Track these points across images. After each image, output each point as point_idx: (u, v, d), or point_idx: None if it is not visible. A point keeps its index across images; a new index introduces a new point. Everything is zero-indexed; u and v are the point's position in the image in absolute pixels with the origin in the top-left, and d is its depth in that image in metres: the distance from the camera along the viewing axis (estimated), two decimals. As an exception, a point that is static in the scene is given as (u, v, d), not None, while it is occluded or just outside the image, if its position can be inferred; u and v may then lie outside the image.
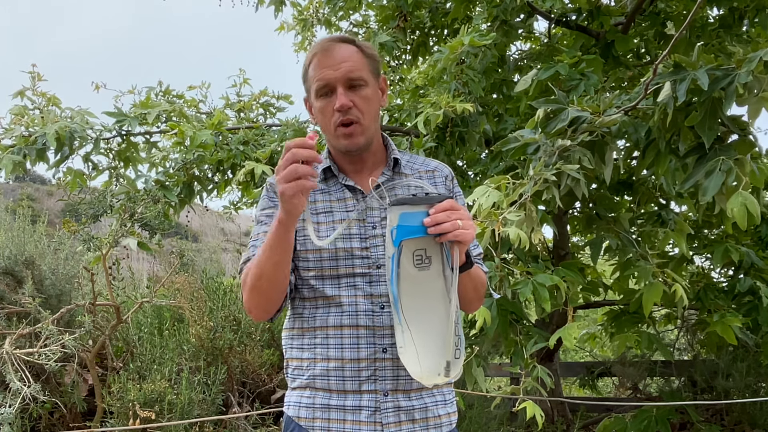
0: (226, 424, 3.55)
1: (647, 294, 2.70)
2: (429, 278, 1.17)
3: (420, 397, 1.29)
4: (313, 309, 1.32)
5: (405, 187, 1.36)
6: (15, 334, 3.18)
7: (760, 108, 2.28)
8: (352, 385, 1.27)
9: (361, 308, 1.28)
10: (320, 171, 1.37)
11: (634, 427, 3.45)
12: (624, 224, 3.10)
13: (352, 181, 1.36)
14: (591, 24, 3.88)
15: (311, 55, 1.33)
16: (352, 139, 1.31)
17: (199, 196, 3.76)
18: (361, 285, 1.29)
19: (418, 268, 1.16)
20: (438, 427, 1.30)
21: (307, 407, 1.30)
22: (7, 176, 3.14)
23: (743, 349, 3.89)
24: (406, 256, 1.15)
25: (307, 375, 1.31)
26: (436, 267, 1.17)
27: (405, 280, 1.16)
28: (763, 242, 3.66)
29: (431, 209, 1.13)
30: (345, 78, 1.28)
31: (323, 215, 1.34)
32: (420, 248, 1.16)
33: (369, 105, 1.31)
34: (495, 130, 3.64)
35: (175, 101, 3.84)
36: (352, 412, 1.26)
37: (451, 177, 1.44)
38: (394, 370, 1.26)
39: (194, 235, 16.64)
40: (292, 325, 1.37)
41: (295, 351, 1.35)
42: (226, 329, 3.79)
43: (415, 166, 1.43)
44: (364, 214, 1.32)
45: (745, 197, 2.16)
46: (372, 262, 1.30)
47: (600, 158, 2.59)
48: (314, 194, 1.36)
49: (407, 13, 4.15)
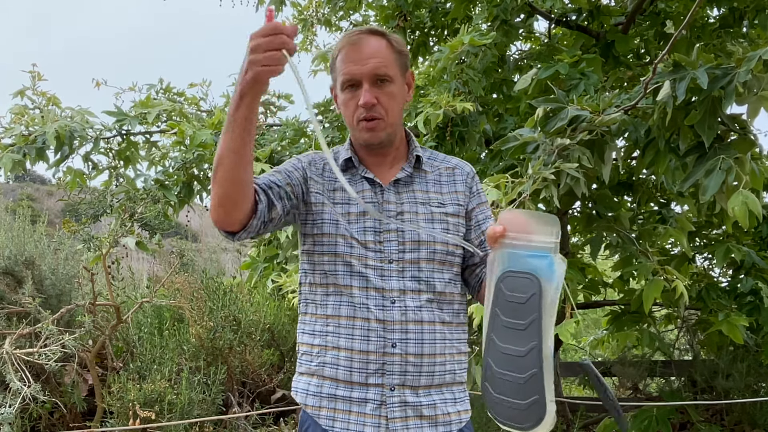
0: (226, 424, 3.55)
1: (647, 291, 2.69)
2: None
3: (428, 394, 1.28)
4: (325, 296, 1.32)
5: (423, 183, 1.37)
6: (15, 334, 3.17)
7: (759, 107, 2.28)
8: (359, 377, 1.26)
9: (372, 301, 1.28)
10: (341, 161, 1.38)
11: (635, 427, 3.45)
12: (624, 223, 3.10)
13: (372, 174, 1.36)
14: (591, 24, 3.88)
15: (340, 46, 1.34)
16: (373, 133, 1.32)
17: (199, 195, 3.75)
18: (372, 278, 1.29)
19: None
20: (447, 425, 1.29)
21: (314, 395, 1.30)
22: (6, 175, 3.14)
23: (743, 349, 3.89)
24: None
25: (317, 362, 1.31)
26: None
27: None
28: (763, 242, 3.66)
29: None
30: (371, 74, 1.29)
31: (341, 206, 1.34)
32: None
33: (393, 102, 1.32)
34: (495, 130, 3.63)
35: (176, 99, 3.84)
36: (357, 404, 1.26)
37: (472, 175, 1.44)
38: (402, 366, 1.26)
39: (194, 235, 16.63)
40: (305, 311, 1.37)
41: (306, 336, 1.35)
42: (226, 329, 3.79)
43: (435, 163, 1.43)
44: (380, 208, 1.33)
45: (746, 196, 2.15)
46: (384, 257, 1.30)
47: (599, 157, 2.59)
48: (333, 183, 1.36)
49: (407, 12, 4.15)
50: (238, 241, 1.30)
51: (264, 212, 1.25)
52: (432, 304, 1.30)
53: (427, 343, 1.27)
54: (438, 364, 1.29)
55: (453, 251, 1.34)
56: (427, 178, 1.39)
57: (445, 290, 1.32)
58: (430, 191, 1.38)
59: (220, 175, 1.16)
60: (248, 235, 1.27)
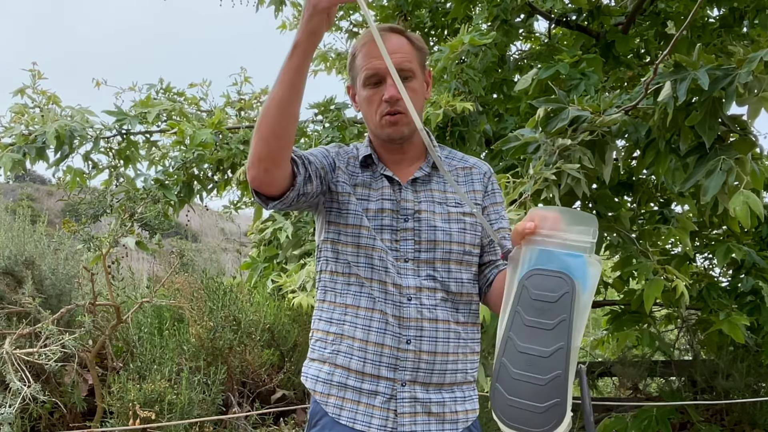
0: (226, 424, 3.55)
1: (648, 290, 2.69)
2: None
3: (438, 391, 1.28)
4: (346, 285, 1.32)
5: (441, 183, 1.37)
6: (15, 334, 3.17)
7: (760, 108, 2.28)
8: (371, 369, 1.27)
9: (390, 297, 1.28)
10: (361, 158, 1.38)
11: (635, 427, 3.45)
12: (625, 223, 3.10)
13: (391, 171, 1.37)
14: (591, 24, 3.88)
15: (360, 44, 1.34)
16: (396, 127, 1.32)
17: (199, 195, 3.76)
18: (392, 273, 1.29)
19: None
20: (454, 423, 1.29)
21: (324, 382, 1.31)
22: (6, 175, 3.14)
23: (743, 349, 3.89)
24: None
25: (331, 349, 1.31)
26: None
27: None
28: (764, 242, 3.66)
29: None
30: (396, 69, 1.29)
31: (360, 202, 1.34)
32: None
33: (416, 97, 1.32)
34: (495, 130, 3.63)
35: (176, 99, 3.84)
36: (367, 395, 1.27)
37: (489, 174, 1.44)
38: (415, 363, 1.26)
39: (194, 235, 16.63)
40: (323, 298, 1.37)
41: (323, 323, 1.35)
42: (226, 329, 3.79)
43: (453, 162, 1.44)
44: (397, 206, 1.33)
45: (747, 196, 2.15)
46: (400, 255, 1.31)
47: (600, 158, 2.59)
48: (355, 178, 1.36)
49: (407, 12, 4.15)
50: (272, 209, 1.28)
51: (301, 185, 1.24)
52: (447, 303, 1.30)
53: (441, 342, 1.28)
54: (450, 363, 1.29)
55: (470, 251, 1.34)
56: (444, 178, 1.39)
57: (461, 290, 1.32)
58: (447, 191, 1.38)
59: (263, 127, 1.14)
60: (282, 206, 1.25)
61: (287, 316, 4.23)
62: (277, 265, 3.71)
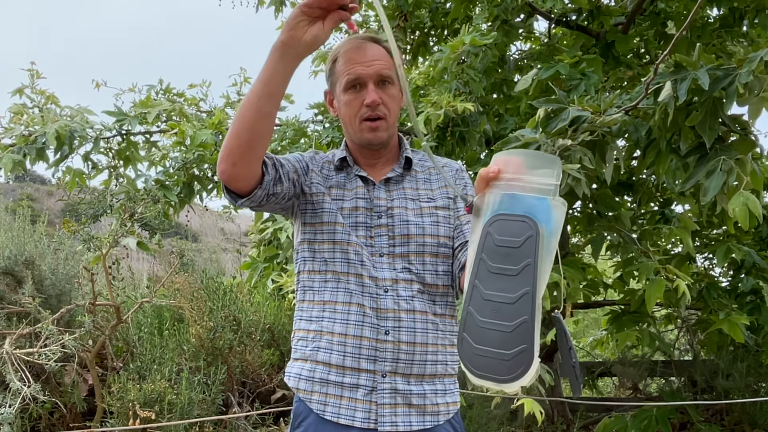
0: (226, 424, 3.55)
1: (650, 290, 2.69)
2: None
3: (419, 383, 1.30)
4: (323, 283, 1.35)
5: (413, 181, 1.42)
6: (15, 334, 3.17)
7: (760, 108, 2.28)
8: (351, 362, 1.28)
9: (366, 290, 1.30)
10: (336, 160, 1.43)
11: (634, 427, 3.45)
12: (625, 223, 3.10)
13: (365, 172, 1.41)
14: (591, 24, 3.88)
15: (342, 50, 1.38)
16: (376, 133, 1.36)
17: (199, 195, 3.75)
18: (368, 266, 1.32)
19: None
20: (435, 415, 1.30)
21: (306, 380, 1.32)
22: (6, 175, 3.14)
23: (743, 349, 3.89)
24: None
25: (311, 347, 1.33)
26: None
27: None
28: (764, 242, 3.66)
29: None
30: (376, 75, 1.33)
31: (335, 201, 1.38)
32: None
33: (394, 103, 1.37)
34: (495, 130, 3.64)
35: (176, 99, 3.83)
36: (349, 389, 1.28)
37: (460, 170, 1.49)
38: (395, 353, 1.28)
39: (194, 235, 16.63)
40: (302, 298, 1.40)
41: (303, 322, 1.38)
42: (226, 329, 3.79)
43: (426, 164, 1.48)
44: (371, 204, 1.37)
45: (747, 197, 2.15)
46: (375, 251, 1.34)
47: (601, 158, 2.59)
48: (329, 180, 1.41)
49: (407, 12, 4.14)
50: (241, 207, 1.32)
51: (269, 185, 1.28)
52: (423, 295, 1.33)
53: (419, 332, 1.30)
54: (430, 353, 1.30)
55: (445, 243, 1.36)
56: (417, 177, 1.44)
57: (437, 282, 1.35)
58: (420, 188, 1.42)
59: (236, 121, 1.18)
60: (251, 204, 1.29)
61: (287, 316, 4.23)
62: (277, 265, 3.71)
